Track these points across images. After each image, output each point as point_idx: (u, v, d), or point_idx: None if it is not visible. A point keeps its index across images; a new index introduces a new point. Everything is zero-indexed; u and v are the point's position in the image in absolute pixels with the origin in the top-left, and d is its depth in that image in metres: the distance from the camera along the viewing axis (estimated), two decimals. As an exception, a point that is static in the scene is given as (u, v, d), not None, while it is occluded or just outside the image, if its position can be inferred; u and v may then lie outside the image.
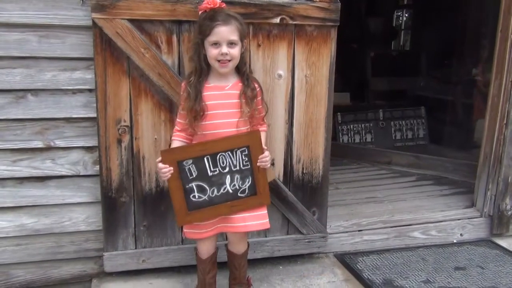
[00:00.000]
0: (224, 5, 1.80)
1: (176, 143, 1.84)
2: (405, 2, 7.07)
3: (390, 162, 3.99)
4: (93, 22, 1.95)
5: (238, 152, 1.77)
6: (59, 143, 2.08)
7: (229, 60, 1.74)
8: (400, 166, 3.93)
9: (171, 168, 1.72)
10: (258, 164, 1.80)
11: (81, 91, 2.06)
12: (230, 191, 1.80)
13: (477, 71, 4.41)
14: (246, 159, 1.79)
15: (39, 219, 2.14)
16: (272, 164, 2.20)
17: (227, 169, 1.78)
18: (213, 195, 1.80)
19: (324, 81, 2.27)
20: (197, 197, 1.78)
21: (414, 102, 4.94)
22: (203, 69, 1.79)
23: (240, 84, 1.82)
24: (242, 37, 1.78)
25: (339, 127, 4.51)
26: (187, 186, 1.77)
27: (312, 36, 2.20)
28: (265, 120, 1.95)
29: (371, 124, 4.59)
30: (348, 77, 5.20)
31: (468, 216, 2.84)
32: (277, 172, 2.30)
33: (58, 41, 1.99)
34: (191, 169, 1.75)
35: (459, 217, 2.83)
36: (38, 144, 2.06)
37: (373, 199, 3.15)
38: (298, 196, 2.35)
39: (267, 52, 2.17)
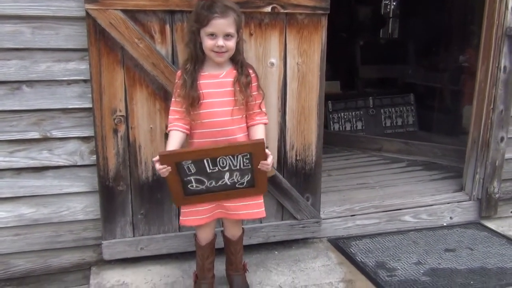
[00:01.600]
0: None
1: (174, 134, 1.81)
2: (393, -9, 7.12)
3: (380, 149, 4.06)
4: (87, 13, 1.96)
5: (240, 156, 1.74)
6: (56, 133, 2.10)
7: (225, 52, 1.76)
8: (391, 153, 3.99)
9: (169, 167, 1.71)
10: (259, 167, 1.77)
11: (76, 81, 2.07)
12: (229, 183, 1.80)
13: (464, 58, 4.47)
14: (247, 161, 1.76)
15: (38, 209, 2.16)
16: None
17: (227, 168, 1.76)
18: (211, 186, 1.80)
19: (315, 68, 2.30)
20: (194, 186, 1.79)
21: (403, 89, 5.00)
22: (198, 57, 1.80)
23: (235, 71, 1.84)
24: (239, 28, 1.79)
25: (330, 115, 4.56)
26: (185, 179, 1.77)
27: (303, 24, 2.23)
28: (263, 109, 1.91)
29: (361, 112, 4.65)
30: (338, 65, 5.23)
31: (457, 199, 2.91)
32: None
33: (51, 32, 2.00)
34: (190, 167, 1.74)
35: (448, 201, 2.89)
36: (35, 135, 2.08)
37: (365, 185, 3.21)
38: (292, 183, 2.39)
39: (259, 41, 2.20)
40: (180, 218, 1.93)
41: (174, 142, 1.80)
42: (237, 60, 1.85)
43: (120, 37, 2.00)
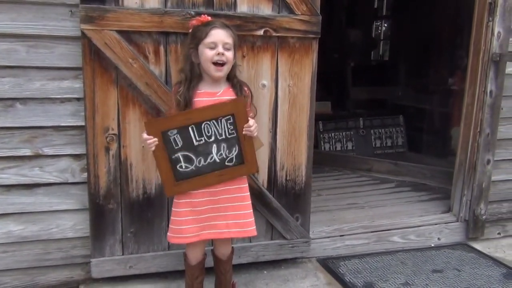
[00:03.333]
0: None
1: None
2: (384, 13, 7.25)
3: (370, 169, 4.10)
4: (82, 33, 1.99)
5: (223, 120, 1.78)
6: (48, 151, 2.11)
7: (224, 63, 1.79)
8: (380, 173, 4.04)
9: (156, 139, 1.74)
10: (244, 132, 1.81)
11: (69, 100, 2.10)
12: (217, 160, 1.82)
13: (453, 80, 4.56)
14: (232, 127, 1.80)
15: (27, 226, 2.16)
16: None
17: (213, 138, 1.79)
18: (200, 165, 1.81)
19: (306, 90, 2.35)
20: (183, 167, 1.80)
21: (393, 111, 5.07)
22: (194, 76, 1.83)
23: (231, 89, 1.88)
24: (235, 45, 1.84)
25: (321, 135, 4.60)
26: (173, 157, 1.78)
27: (295, 48, 2.29)
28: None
29: (351, 132, 4.70)
30: (329, 86, 5.32)
31: (445, 220, 2.95)
32: (261, 179, 2.37)
33: (46, 51, 2.03)
34: (176, 139, 1.77)
35: (436, 222, 2.93)
36: (27, 152, 2.09)
37: (354, 205, 3.23)
38: (282, 202, 2.41)
39: (251, 63, 2.24)
40: (168, 234, 1.92)
41: None
42: (233, 79, 1.90)
43: (114, 57, 2.04)
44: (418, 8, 4.87)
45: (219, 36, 1.77)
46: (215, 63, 1.79)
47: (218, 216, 1.89)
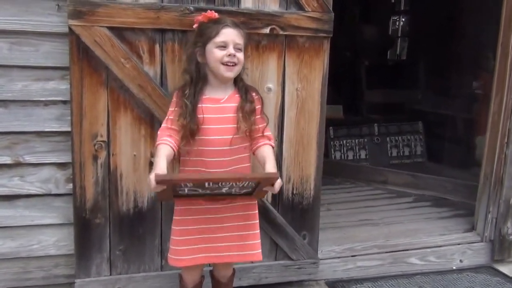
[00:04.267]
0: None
1: (163, 148, 1.75)
2: (402, 8, 7.25)
3: (386, 181, 4.09)
4: (70, 29, 1.99)
5: (245, 183, 1.71)
6: (29, 159, 2.11)
7: (235, 64, 1.78)
8: (397, 186, 4.03)
9: (164, 187, 1.65)
10: (264, 189, 1.74)
11: (54, 102, 2.10)
12: (225, 192, 1.76)
13: (478, 83, 4.55)
14: (251, 187, 1.74)
15: (5, 242, 2.15)
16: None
17: (227, 188, 1.73)
18: (204, 193, 1.76)
19: (316, 95, 2.34)
20: (186, 191, 1.74)
21: (411, 116, 5.06)
22: (200, 78, 1.82)
23: (237, 95, 1.85)
24: (246, 46, 1.84)
25: (331, 142, 4.60)
26: (179, 192, 1.73)
27: (304, 48, 2.28)
28: (267, 133, 1.90)
29: (365, 140, 4.69)
30: (341, 88, 5.32)
31: (468, 240, 2.92)
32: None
33: (31, 49, 2.04)
34: (187, 184, 1.70)
35: (459, 242, 2.91)
36: (6, 159, 2.09)
37: (368, 222, 3.22)
38: (287, 219, 2.40)
39: (256, 64, 2.23)
40: (168, 255, 1.90)
41: (163, 155, 1.73)
42: (239, 83, 1.88)
43: (105, 56, 2.04)
44: (439, 2, 4.85)
45: (231, 35, 1.77)
46: (225, 64, 1.77)
47: (220, 237, 1.87)
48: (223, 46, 1.76)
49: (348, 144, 4.65)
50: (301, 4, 2.22)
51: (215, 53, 1.77)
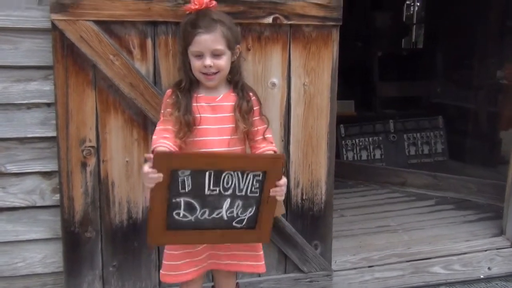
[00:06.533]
0: (213, 4, 1.83)
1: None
2: (416, -9, 7.28)
3: (404, 183, 4.09)
4: (53, 24, 2.00)
5: (251, 175, 1.71)
6: (11, 168, 2.11)
7: (215, 73, 1.80)
8: (416, 188, 4.02)
9: (161, 175, 1.61)
10: (271, 193, 1.74)
11: (37, 105, 2.10)
12: (225, 217, 1.75)
13: (503, 73, 4.55)
14: (257, 185, 1.73)
15: (-14, 260, 2.17)
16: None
17: (230, 191, 1.72)
18: (202, 218, 1.73)
19: (325, 90, 2.35)
20: (181, 215, 1.71)
21: (430, 110, 5.07)
22: (191, 79, 1.84)
23: (233, 94, 1.87)
24: (232, 44, 1.82)
25: (343, 141, 4.60)
26: (173, 200, 1.69)
27: (311, 38, 2.28)
28: (267, 137, 1.90)
29: (380, 138, 4.70)
30: (352, 81, 5.32)
31: (496, 246, 2.92)
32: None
33: (10, 47, 2.04)
34: (186, 181, 1.68)
35: (486, 248, 2.90)
36: (-14, 170, 2.09)
37: (385, 228, 3.23)
38: (297, 227, 2.41)
39: (258, 57, 2.24)
40: (161, 272, 1.91)
41: None
42: (235, 82, 1.89)
43: (92, 53, 2.04)
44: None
45: (205, 44, 1.76)
46: (204, 73, 1.80)
47: (218, 247, 1.89)
48: (199, 55, 1.78)
49: (361, 143, 4.65)
50: (306, -10, 2.22)
51: (193, 62, 1.80)
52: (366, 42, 5.77)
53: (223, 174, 1.69)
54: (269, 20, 2.19)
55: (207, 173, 1.68)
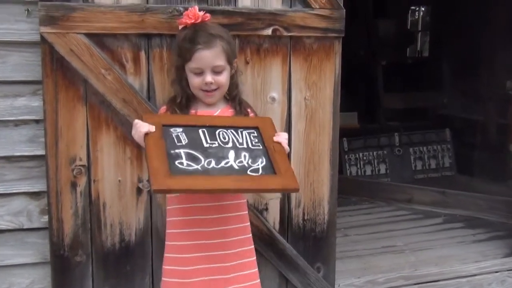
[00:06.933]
0: (208, 17, 1.84)
1: None
2: (421, -3, 7.28)
3: (410, 200, 4.07)
4: (42, 37, 1.98)
5: (245, 132, 1.74)
6: (-3, 188, 2.09)
7: (215, 89, 1.80)
8: (423, 205, 4.00)
9: (153, 126, 1.66)
10: (275, 139, 1.74)
11: (25, 122, 2.08)
12: (236, 167, 1.64)
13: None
14: (256, 140, 1.73)
15: (-30, 285, 2.13)
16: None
17: (230, 144, 1.70)
18: (210, 166, 1.62)
19: (327, 104, 2.33)
20: (185, 164, 1.60)
21: (436, 122, 5.05)
22: (188, 95, 1.85)
23: (231, 110, 1.88)
24: (231, 59, 1.83)
25: (346, 156, 4.59)
26: (171, 152, 1.62)
27: (312, 50, 2.27)
28: None
29: (385, 152, 4.68)
30: (355, 92, 5.32)
31: (508, 267, 2.91)
32: (272, 219, 2.33)
33: (-4, 61, 2.02)
34: (180, 136, 1.66)
35: (497, 269, 2.89)
36: (-30, 190, 2.07)
37: (391, 249, 3.21)
38: (298, 249, 2.38)
39: (257, 70, 2.23)
40: (163, 278, 1.90)
41: None
42: (233, 96, 1.90)
43: (82, 67, 2.02)
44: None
45: (206, 60, 1.76)
46: (204, 90, 1.81)
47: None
48: (199, 72, 1.78)
49: (365, 158, 4.63)
50: (307, 1, 2.21)
51: (191, 79, 1.81)
52: (369, 51, 5.76)
53: (217, 131, 1.73)
54: (269, 31, 2.18)
55: (200, 130, 1.71)
